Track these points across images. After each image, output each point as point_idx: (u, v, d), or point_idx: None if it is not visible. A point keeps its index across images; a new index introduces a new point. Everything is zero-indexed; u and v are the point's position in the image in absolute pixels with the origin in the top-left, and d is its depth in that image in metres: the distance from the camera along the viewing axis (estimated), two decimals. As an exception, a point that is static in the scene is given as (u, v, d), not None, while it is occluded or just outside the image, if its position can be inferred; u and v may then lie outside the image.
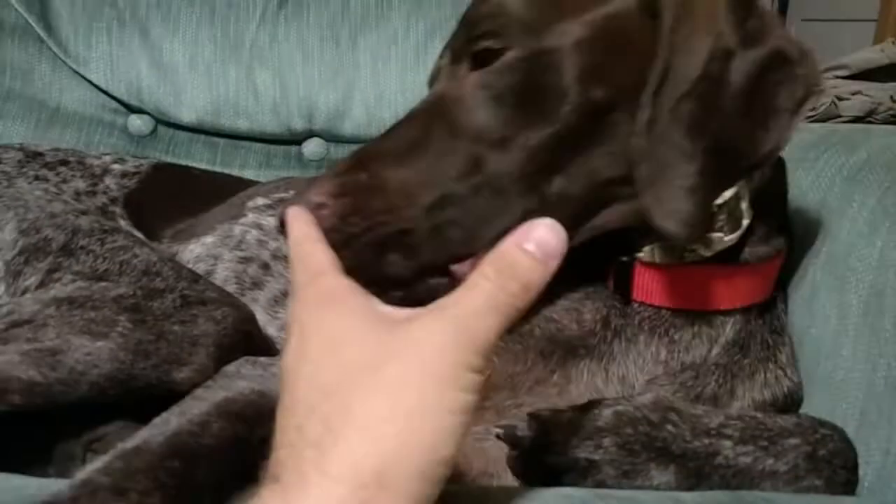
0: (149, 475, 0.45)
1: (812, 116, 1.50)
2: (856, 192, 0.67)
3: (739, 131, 0.54)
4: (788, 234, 0.67)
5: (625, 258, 0.62)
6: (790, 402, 0.65)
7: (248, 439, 0.52)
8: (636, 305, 0.62)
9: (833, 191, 0.69)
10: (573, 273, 0.61)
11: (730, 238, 0.59)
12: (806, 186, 0.73)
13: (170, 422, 0.53)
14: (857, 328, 0.61)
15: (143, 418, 0.62)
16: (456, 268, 0.52)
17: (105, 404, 0.64)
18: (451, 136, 0.53)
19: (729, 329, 0.63)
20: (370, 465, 0.31)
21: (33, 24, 1.14)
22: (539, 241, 0.37)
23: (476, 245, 0.51)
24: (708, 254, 0.59)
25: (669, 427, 0.55)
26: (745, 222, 0.59)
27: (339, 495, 0.31)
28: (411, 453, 0.32)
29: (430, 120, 0.55)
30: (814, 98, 0.56)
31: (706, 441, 0.55)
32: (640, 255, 0.60)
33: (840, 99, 1.50)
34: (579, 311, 0.63)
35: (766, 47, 0.54)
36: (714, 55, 0.52)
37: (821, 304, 0.66)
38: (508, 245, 0.38)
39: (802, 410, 0.65)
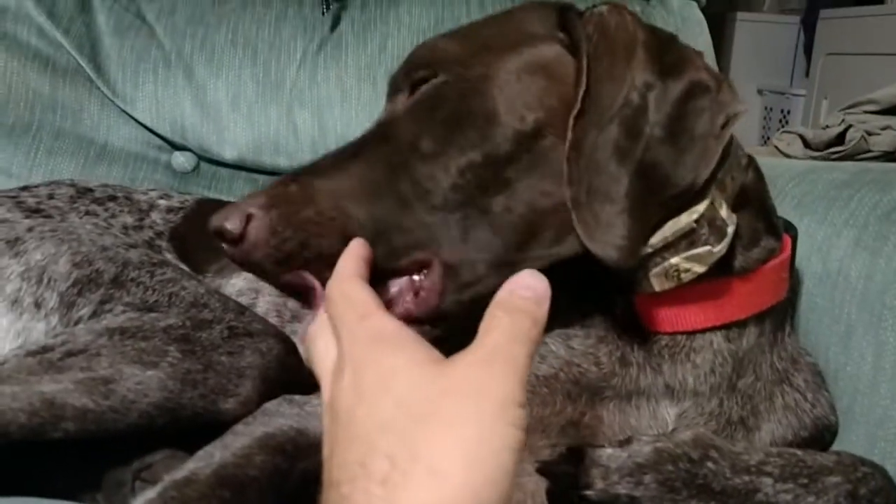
0: (202, 503, 0.46)
1: (841, 152, 1.51)
2: (891, 230, 0.68)
3: (664, 157, 0.56)
4: (776, 233, 0.67)
5: (623, 295, 0.63)
6: (820, 429, 0.65)
7: (288, 472, 0.53)
8: (652, 336, 0.63)
9: (868, 229, 0.70)
10: (581, 317, 0.63)
11: (718, 249, 0.59)
12: (840, 224, 0.73)
13: (214, 455, 0.55)
14: (894, 366, 0.62)
15: (187, 447, 0.64)
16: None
17: (151, 433, 0.66)
18: (387, 152, 0.57)
19: (741, 341, 0.63)
20: (438, 501, 0.32)
21: (84, 66, 1.18)
22: (528, 286, 0.41)
23: (407, 256, 0.55)
24: (702, 269, 0.59)
25: (710, 464, 0.55)
26: (731, 229, 0.60)
27: None
28: (477, 491, 0.33)
29: (367, 140, 0.59)
30: (733, 122, 0.58)
31: (746, 478, 0.55)
32: (639, 288, 0.61)
33: (870, 134, 1.50)
34: (595, 356, 0.63)
35: (685, 78, 0.57)
36: (633, 85, 0.56)
37: (857, 343, 0.66)
38: (505, 291, 0.41)
39: (840, 447, 0.65)
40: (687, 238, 0.59)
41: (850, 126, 1.51)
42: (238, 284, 0.91)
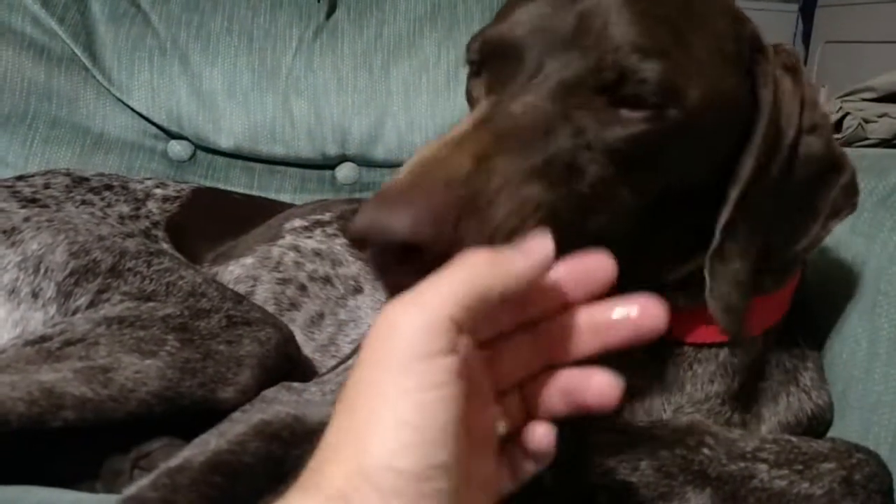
0: (193, 489, 0.47)
1: (839, 139, 1.51)
2: (886, 216, 0.68)
3: (782, 229, 0.56)
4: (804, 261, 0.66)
5: None
6: (816, 424, 0.65)
7: (283, 458, 0.54)
8: (659, 342, 0.63)
9: (863, 216, 0.70)
10: None
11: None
12: (836, 211, 0.74)
13: (210, 442, 0.55)
14: (889, 351, 0.62)
15: (186, 435, 0.64)
16: None
17: (150, 421, 0.66)
18: (570, 150, 0.49)
19: (746, 356, 0.62)
20: (356, 468, 0.33)
21: (79, 54, 1.18)
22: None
23: None
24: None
25: (705, 450, 0.56)
26: None
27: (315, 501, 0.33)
28: (359, 464, 0.33)
29: (536, 127, 0.49)
30: (848, 211, 0.58)
31: (742, 464, 0.56)
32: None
33: (867, 121, 1.50)
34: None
35: (822, 143, 0.57)
36: (795, 156, 0.55)
37: (851, 328, 0.66)
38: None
39: (835, 434, 0.65)
40: None
41: (847, 114, 1.51)
42: (236, 272, 0.92)
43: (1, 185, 0.88)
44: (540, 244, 0.38)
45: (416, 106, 1.21)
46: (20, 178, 0.92)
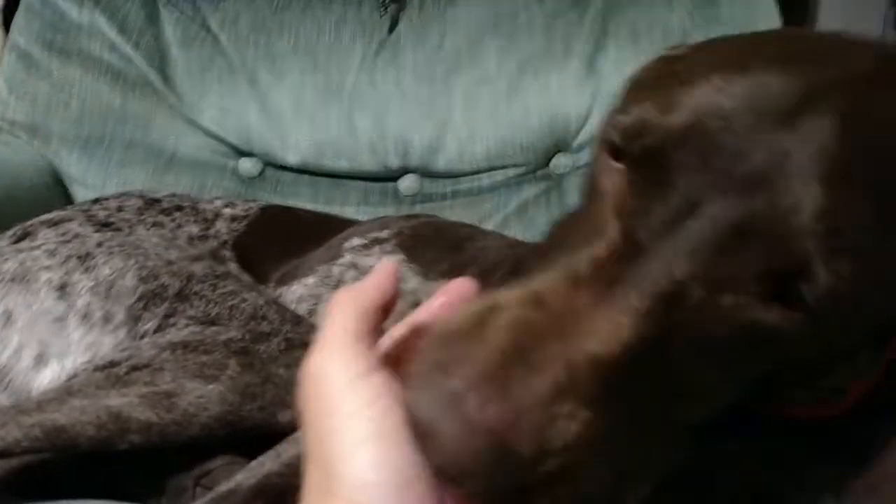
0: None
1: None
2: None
3: None
4: None
5: None
6: None
7: None
8: None
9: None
10: None
11: None
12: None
13: (264, 465, 0.56)
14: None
15: (249, 452, 0.66)
16: None
17: (212, 443, 0.68)
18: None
19: None
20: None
21: (152, 79, 1.23)
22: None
23: None
24: None
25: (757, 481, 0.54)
26: None
27: None
28: (342, 486, 0.35)
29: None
30: None
31: (810, 496, 0.54)
32: None
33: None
34: None
35: None
36: None
37: None
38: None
39: None
40: None
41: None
42: (299, 291, 0.93)
43: (78, 209, 0.92)
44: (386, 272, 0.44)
45: (476, 116, 1.21)
46: (96, 201, 0.96)
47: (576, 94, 1.20)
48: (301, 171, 1.25)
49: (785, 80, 0.37)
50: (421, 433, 0.33)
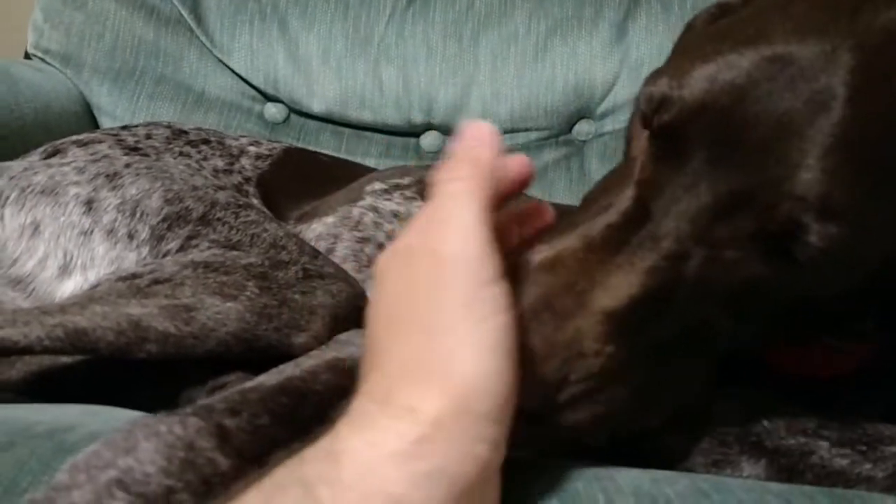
0: (260, 404, 0.50)
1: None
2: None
3: None
4: None
5: None
6: None
7: (352, 391, 0.56)
8: None
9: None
10: None
11: None
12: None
13: (284, 371, 0.58)
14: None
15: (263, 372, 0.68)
16: None
17: (228, 361, 0.70)
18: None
19: None
20: (423, 407, 0.34)
21: (185, 16, 1.24)
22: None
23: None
24: None
25: (765, 423, 0.55)
26: None
27: (398, 430, 0.33)
28: (478, 386, 0.34)
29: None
30: None
31: (802, 440, 0.55)
32: None
33: None
34: None
35: None
36: None
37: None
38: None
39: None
40: None
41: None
42: (318, 230, 0.95)
43: (107, 133, 0.94)
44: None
45: (502, 76, 1.22)
46: (124, 127, 0.98)
47: (603, 60, 1.21)
48: (325, 119, 1.26)
49: (799, 50, 0.40)
50: None
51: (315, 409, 0.52)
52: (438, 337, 0.35)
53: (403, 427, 0.33)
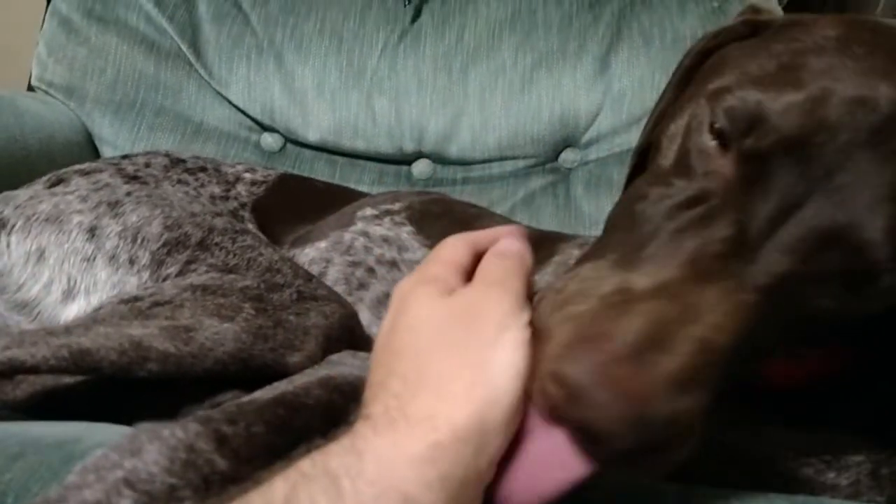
0: (256, 415, 0.52)
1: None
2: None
3: None
4: None
5: None
6: None
7: (343, 408, 0.59)
8: None
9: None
10: None
11: None
12: None
13: (278, 387, 0.61)
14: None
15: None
16: None
17: (225, 380, 0.73)
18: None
19: None
20: (443, 416, 0.37)
21: (185, 50, 1.28)
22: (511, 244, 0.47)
23: None
24: None
25: (733, 432, 0.58)
26: None
27: (417, 435, 0.36)
28: (480, 410, 0.37)
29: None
30: None
31: (768, 449, 0.58)
32: None
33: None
34: None
35: None
36: None
37: None
38: (495, 246, 0.47)
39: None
40: None
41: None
42: (311, 254, 0.98)
43: (109, 162, 0.97)
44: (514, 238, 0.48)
45: (490, 107, 1.27)
46: (125, 157, 1.01)
47: (587, 92, 1.26)
48: (320, 148, 1.30)
49: (886, 92, 0.42)
50: (573, 397, 0.37)
51: (306, 420, 0.55)
52: (468, 353, 0.39)
53: (422, 432, 0.36)
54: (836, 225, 0.41)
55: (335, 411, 0.59)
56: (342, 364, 0.70)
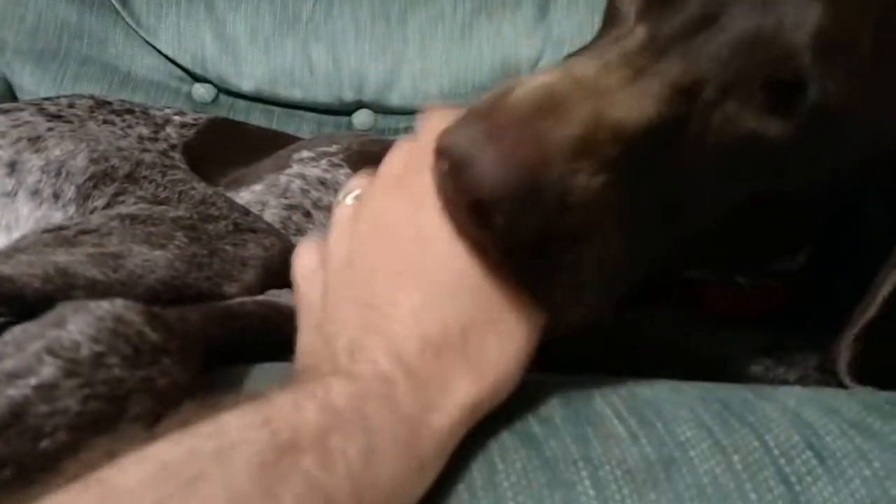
0: (191, 309, 0.51)
1: None
2: None
3: None
4: None
5: None
6: None
7: (279, 325, 0.57)
8: None
9: None
10: None
11: None
12: None
13: (217, 305, 0.58)
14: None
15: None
16: None
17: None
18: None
19: None
20: (427, 332, 0.36)
21: (110, -3, 1.23)
22: None
23: None
24: None
25: (685, 335, 0.58)
26: None
27: (403, 354, 0.35)
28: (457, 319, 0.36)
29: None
30: None
31: (719, 349, 0.58)
32: None
33: None
34: None
35: None
36: None
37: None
38: None
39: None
40: None
41: None
42: (246, 197, 0.95)
43: (29, 103, 0.93)
44: None
45: (431, 54, 1.25)
46: (46, 98, 0.96)
47: (527, 38, 1.25)
48: (255, 98, 1.27)
49: None
50: (458, 166, 0.36)
51: (243, 325, 0.53)
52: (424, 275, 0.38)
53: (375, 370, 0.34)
54: (761, 29, 0.40)
55: (272, 326, 0.57)
56: (281, 296, 0.68)
